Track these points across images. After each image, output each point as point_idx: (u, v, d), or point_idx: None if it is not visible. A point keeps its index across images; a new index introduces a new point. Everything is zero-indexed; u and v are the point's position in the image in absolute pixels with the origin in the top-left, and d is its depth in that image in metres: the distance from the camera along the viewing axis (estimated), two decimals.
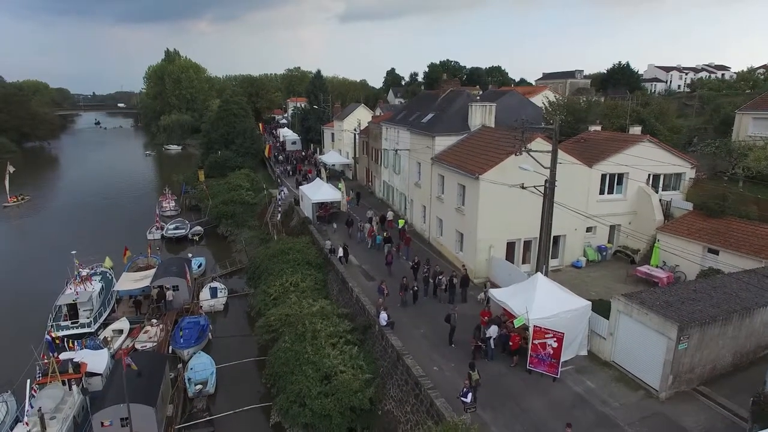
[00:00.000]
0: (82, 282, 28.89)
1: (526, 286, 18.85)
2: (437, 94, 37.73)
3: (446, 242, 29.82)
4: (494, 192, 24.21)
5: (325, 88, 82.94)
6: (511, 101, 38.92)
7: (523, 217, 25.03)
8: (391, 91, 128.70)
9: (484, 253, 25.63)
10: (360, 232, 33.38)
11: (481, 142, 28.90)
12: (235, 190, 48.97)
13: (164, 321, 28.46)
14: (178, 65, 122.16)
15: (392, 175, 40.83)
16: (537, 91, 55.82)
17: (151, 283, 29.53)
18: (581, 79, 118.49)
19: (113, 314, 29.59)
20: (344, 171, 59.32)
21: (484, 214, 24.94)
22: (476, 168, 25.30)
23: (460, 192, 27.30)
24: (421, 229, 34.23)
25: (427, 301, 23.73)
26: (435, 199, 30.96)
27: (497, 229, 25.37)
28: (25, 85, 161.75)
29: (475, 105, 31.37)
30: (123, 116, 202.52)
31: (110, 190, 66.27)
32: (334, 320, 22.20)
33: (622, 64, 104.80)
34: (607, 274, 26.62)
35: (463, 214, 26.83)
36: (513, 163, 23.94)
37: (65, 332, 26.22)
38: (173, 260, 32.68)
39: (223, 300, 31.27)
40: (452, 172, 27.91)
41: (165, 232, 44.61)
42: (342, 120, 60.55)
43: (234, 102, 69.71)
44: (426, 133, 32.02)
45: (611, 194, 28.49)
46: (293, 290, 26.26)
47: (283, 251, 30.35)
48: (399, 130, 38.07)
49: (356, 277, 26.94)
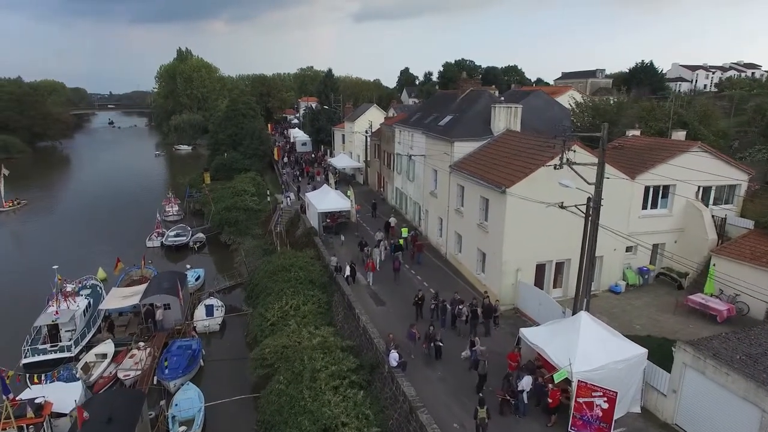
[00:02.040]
0: (65, 299, 26.40)
1: (567, 327, 15.65)
2: (455, 95, 34.57)
3: (465, 261, 26.67)
4: (523, 207, 21.05)
5: (337, 87, 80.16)
6: (536, 102, 35.63)
7: (556, 236, 21.96)
8: (404, 91, 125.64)
9: (510, 276, 22.43)
10: (368, 256, 27.98)
11: (506, 148, 25.69)
12: (239, 195, 46.33)
13: (152, 344, 25.85)
14: (190, 64, 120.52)
15: (406, 182, 37.77)
16: (561, 91, 52.04)
17: (140, 301, 26.91)
18: (602, 79, 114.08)
19: (98, 334, 27.04)
20: (355, 175, 56.45)
21: (512, 232, 21.76)
22: (502, 179, 22.11)
23: (483, 206, 24.13)
24: (437, 243, 31.10)
25: (445, 333, 20.61)
26: (453, 211, 27.82)
27: (526, 250, 22.17)
28: (42, 85, 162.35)
29: (498, 107, 28.14)
30: (138, 115, 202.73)
31: (114, 192, 64.27)
32: (337, 355, 19.27)
33: (645, 63, 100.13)
34: (651, 301, 23.20)
35: (485, 231, 23.65)
36: (545, 174, 20.85)
37: (42, 357, 23.77)
38: (166, 275, 30.03)
39: (219, 319, 28.53)
40: (474, 183, 24.75)
41: (165, 239, 42.18)
42: (353, 121, 57.64)
43: (242, 102, 67.28)
44: (444, 138, 28.90)
45: (655, 209, 25.06)
46: (293, 315, 23.42)
47: (285, 268, 27.51)
48: (413, 133, 34.99)
49: (364, 301, 23.95)
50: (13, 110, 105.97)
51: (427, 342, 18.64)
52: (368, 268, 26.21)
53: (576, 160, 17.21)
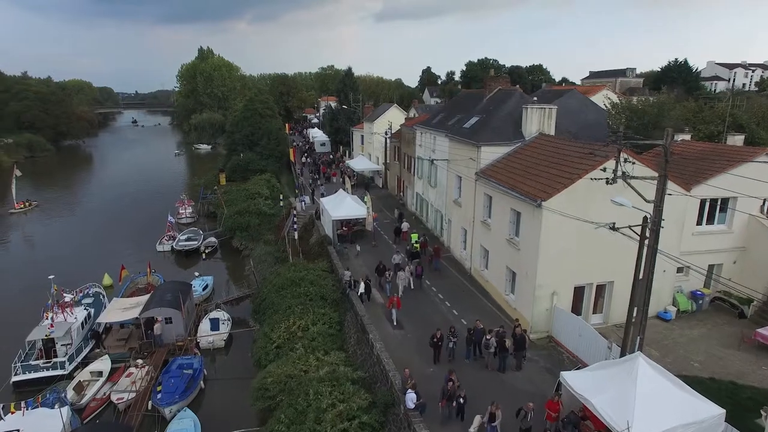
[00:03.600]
0: (62, 311, 24.85)
1: (619, 374, 12.98)
2: (482, 94, 31.91)
3: (492, 279, 24.06)
4: (560, 223, 18.41)
5: (356, 86, 77.98)
6: (570, 103, 32.51)
7: (597, 256, 19.33)
8: (426, 91, 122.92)
9: (545, 301, 19.76)
10: (388, 282, 24.45)
11: (539, 155, 22.97)
12: (252, 198, 44.54)
13: (152, 361, 24.10)
14: (211, 63, 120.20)
15: (427, 187, 35.27)
16: (594, 90, 48.53)
17: (140, 314, 25.17)
18: (633, 78, 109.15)
19: (96, 349, 25.39)
20: (374, 178, 54.16)
21: (548, 251, 19.10)
22: (537, 191, 19.46)
23: (514, 219, 21.50)
24: (460, 256, 28.53)
25: (469, 366, 18.14)
26: (479, 223, 25.23)
27: (563, 271, 19.49)
28: (70, 84, 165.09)
29: (531, 107, 25.41)
30: (162, 114, 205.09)
31: (130, 193, 63.49)
32: (347, 389, 16.98)
33: (679, 61, 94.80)
34: (708, 332, 20.21)
35: (516, 248, 21.02)
36: (585, 186, 18.18)
37: (33, 374, 22.18)
38: (170, 285, 28.23)
39: (224, 335, 26.59)
40: (503, 194, 22.13)
41: (176, 243, 40.67)
42: (372, 121, 55.38)
43: (259, 101, 65.73)
44: (469, 141, 26.33)
45: (711, 225, 22.01)
46: (301, 337, 21.24)
47: (294, 282, 25.39)
48: (436, 135, 32.48)
49: (379, 323, 21.61)
50: (38, 109, 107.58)
51: (445, 399, 14.88)
52: (392, 305, 21.63)
53: (632, 171, 14.49)
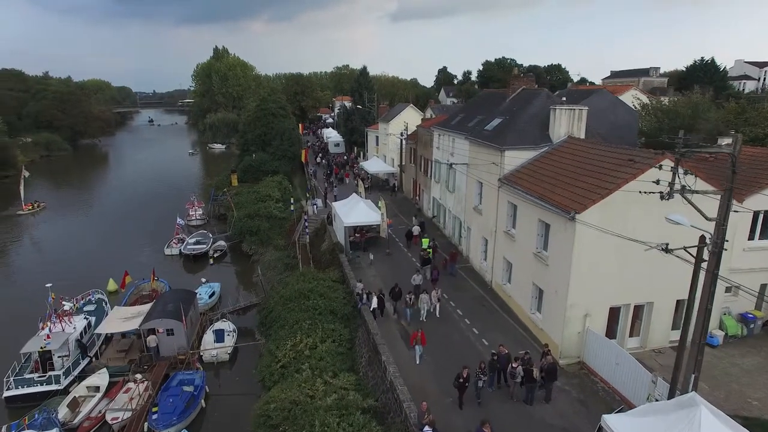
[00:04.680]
0: (60, 320, 23.68)
1: (677, 425, 11.03)
2: (504, 94, 29.95)
3: (516, 295, 22.14)
4: (595, 237, 16.47)
5: (371, 85, 76.36)
6: (600, 103, 30.42)
7: (636, 273, 17.42)
8: (442, 91, 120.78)
9: (577, 323, 17.81)
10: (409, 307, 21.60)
11: (569, 160, 20.98)
12: (263, 201, 43.21)
13: (151, 375, 22.77)
14: (226, 63, 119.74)
15: (444, 192, 33.43)
16: (620, 90, 46.00)
17: (141, 326, 23.87)
18: (656, 78, 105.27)
19: (95, 360, 24.18)
20: (389, 180, 52.43)
21: (581, 268, 17.15)
22: (569, 201, 17.52)
23: (542, 231, 19.57)
24: (480, 268, 26.64)
25: (493, 396, 16.31)
26: (502, 233, 23.31)
27: (598, 291, 17.53)
28: (89, 84, 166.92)
29: (559, 109, 23.40)
30: (179, 113, 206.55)
31: (141, 193, 62.79)
32: (357, 419, 15.32)
33: (705, 60, 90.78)
34: (764, 362, 18.00)
35: (545, 263, 19.09)
36: (623, 197, 16.28)
37: (26, 389, 20.98)
38: (172, 294, 26.90)
39: (229, 348, 25.14)
40: (530, 203, 20.20)
41: (183, 247, 39.51)
42: (388, 122, 53.69)
43: (273, 100, 64.46)
44: (491, 145, 24.42)
45: (765, 240, 19.78)
46: (308, 356, 19.62)
47: (302, 294, 23.81)
48: (455, 137, 30.63)
49: (394, 342, 19.89)
50: (56, 109, 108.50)
51: None
52: (415, 341, 18.32)
53: (685, 183, 12.52)
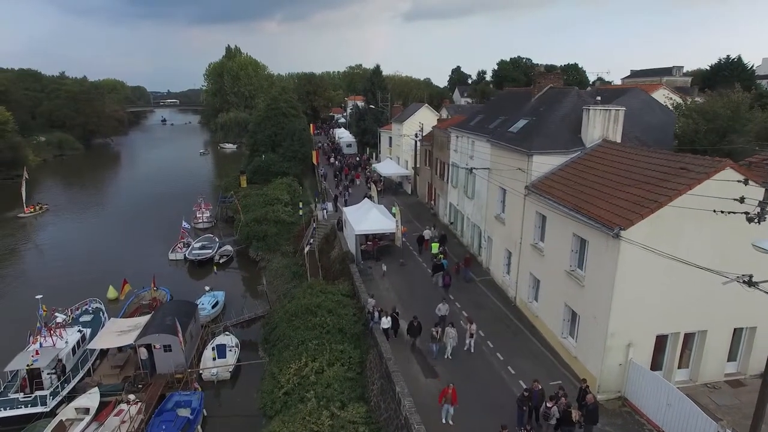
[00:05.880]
0: (50, 334, 22.15)
1: None
2: (529, 93, 27.77)
3: (544, 315, 19.99)
4: (641, 257, 14.33)
5: (384, 85, 74.39)
6: (633, 103, 28.01)
7: (688, 298, 15.27)
8: (456, 90, 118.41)
9: (618, 354, 15.64)
10: (435, 342, 18.55)
11: (607, 167, 18.76)
12: (271, 204, 41.55)
13: (146, 395, 21.13)
14: (237, 62, 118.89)
15: (462, 198, 31.33)
16: (650, 89, 43.23)
17: (136, 341, 22.24)
18: (680, 77, 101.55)
19: (88, 377, 22.60)
20: (402, 183, 50.43)
21: (625, 292, 14.99)
22: (612, 215, 15.35)
23: (577, 247, 17.41)
24: (502, 282, 24.52)
25: None
26: (528, 246, 21.16)
27: (643, 317, 15.35)
28: (104, 84, 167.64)
29: (594, 109, 21.16)
30: (192, 113, 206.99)
31: (148, 194, 61.68)
32: None
33: (731, 58, 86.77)
34: None
35: (580, 283, 16.93)
36: (674, 212, 14.14)
37: (9, 412, 19.47)
38: (172, 306, 25.22)
39: (230, 366, 23.38)
40: (563, 215, 18.05)
41: (188, 253, 37.99)
42: (401, 122, 51.63)
43: (283, 100, 62.87)
44: (517, 149, 22.27)
45: None
46: (314, 382, 17.76)
47: (309, 309, 21.96)
48: (474, 140, 28.53)
49: (408, 368, 17.91)
50: (69, 108, 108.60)
51: None
52: (446, 399, 14.89)
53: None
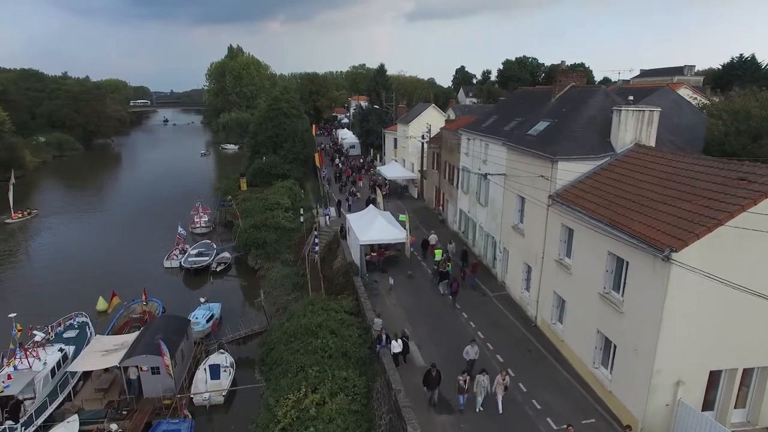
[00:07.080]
0: (26, 356, 20.23)
1: None
2: (548, 92, 25.71)
3: (571, 340, 17.90)
4: (697, 283, 12.25)
5: (389, 84, 72.39)
6: (662, 103, 25.88)
7: (746, 328, 13.21)
8: (461, 90, 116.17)
9: (665, 393, 13.55)
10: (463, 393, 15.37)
11: (643, 175, 16.66)
12: (271, 209, 39.61)
13: (131, 424, 19.21)
14: (240, 62, 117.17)
15: (474, 204, 29.27)
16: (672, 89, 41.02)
17: (121, 363, 20.31)
18: (692, 77, 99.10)
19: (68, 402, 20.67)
20: (408, 186, 48.41)
21: (676, 323, 12.91)
22: (657, 232, 13.25)
23: (613, 267, 15.32)
24: (520, 299, 22.43)
25: None
26: (552, 262, 19.08)
27: (695, 351, 13.26)
28: (106, 84, 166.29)
29: (625, 110, 19.06)
30: (195, 113, 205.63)
31: (146, 197, 59.83)
32: None
33: (744, 57, 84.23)
34: None
35: (617, 309, 14.84)
36: (735, 231, 12.08)
37: None
38: (162, 323, 23.21)
39: (224, 390, 21.40)
40: (595, 230, 15.94)
41: (184, 260, 36.09)
42: (407, 123, 49.57)
43: (285, 100, 60.97)
44: (540, 154, 20.19)
45: None
46: (314, 416, 15.75)
47: (309, 330, 19.95)
48: (488, 143, 26.48)
49: (419, 398, 15.86)
50: (69, 108, 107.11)
51: None
52: None
53: None
